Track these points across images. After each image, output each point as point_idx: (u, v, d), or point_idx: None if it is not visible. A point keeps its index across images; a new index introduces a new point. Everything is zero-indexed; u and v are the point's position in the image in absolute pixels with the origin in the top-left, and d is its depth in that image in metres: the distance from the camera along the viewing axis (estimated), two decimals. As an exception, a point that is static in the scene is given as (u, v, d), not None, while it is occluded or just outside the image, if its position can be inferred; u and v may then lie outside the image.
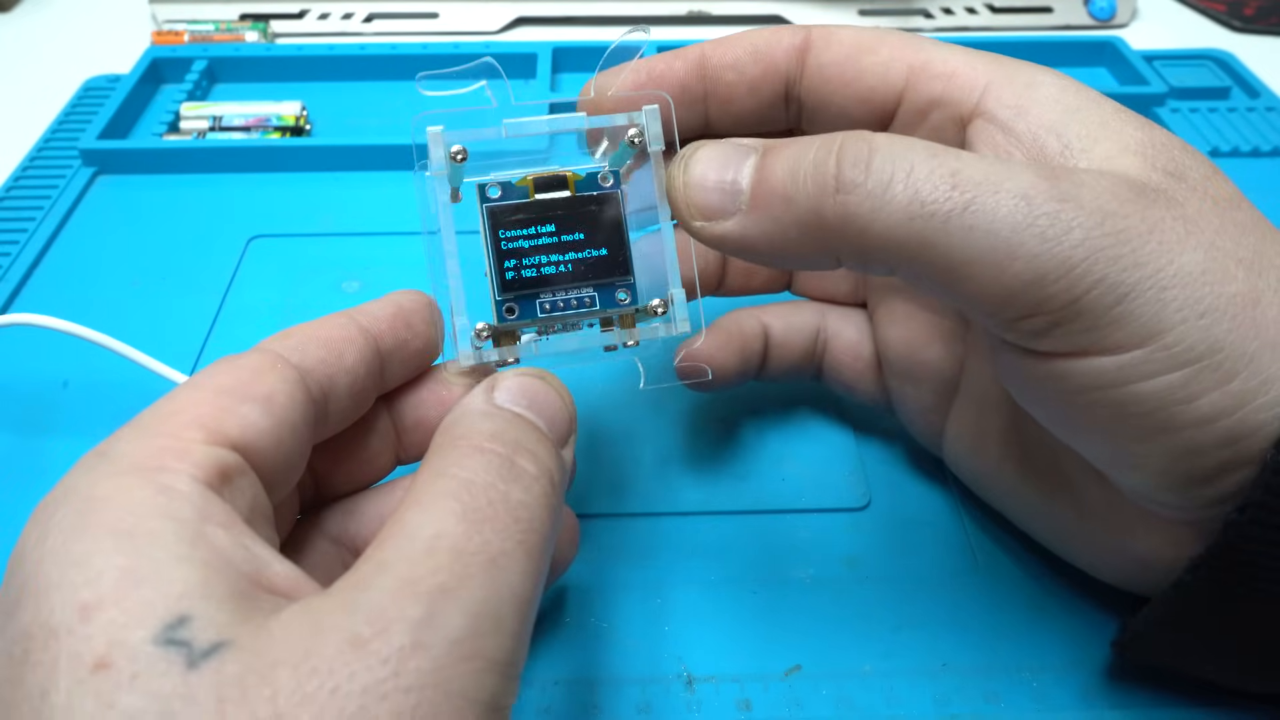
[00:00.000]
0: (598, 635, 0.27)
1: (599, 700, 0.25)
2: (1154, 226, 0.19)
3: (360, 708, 0.15)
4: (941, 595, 0.28)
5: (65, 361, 0.35)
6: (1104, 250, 0.19)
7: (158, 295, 0.39)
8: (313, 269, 0.40)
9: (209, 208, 0.43)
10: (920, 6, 0.59)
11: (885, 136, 0.21)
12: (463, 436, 0.19)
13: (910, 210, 0.20)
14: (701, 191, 0.22)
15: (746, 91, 0.25)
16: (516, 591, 0.17)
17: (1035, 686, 0.26)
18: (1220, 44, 0.57)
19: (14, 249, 0.41)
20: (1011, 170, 0.20)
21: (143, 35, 0.58)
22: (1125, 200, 0.20)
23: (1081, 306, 0.19)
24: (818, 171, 0.20)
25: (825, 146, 0.21)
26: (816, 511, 0.30)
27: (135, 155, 0.45)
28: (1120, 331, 0.19)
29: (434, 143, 0.22)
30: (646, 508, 0.30)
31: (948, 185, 0.19)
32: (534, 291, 0.23)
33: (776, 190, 0.21)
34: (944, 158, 0.20)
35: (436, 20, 0.58)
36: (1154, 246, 0.19)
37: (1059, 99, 0.22)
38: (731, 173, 0.21)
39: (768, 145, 0.22)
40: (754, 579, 0.28)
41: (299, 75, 0.52)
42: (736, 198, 0.21)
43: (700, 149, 0.22)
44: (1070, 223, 0.19)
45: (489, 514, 0.17)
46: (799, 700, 0.25)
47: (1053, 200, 0.19)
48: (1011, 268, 0.19)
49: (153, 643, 0.15)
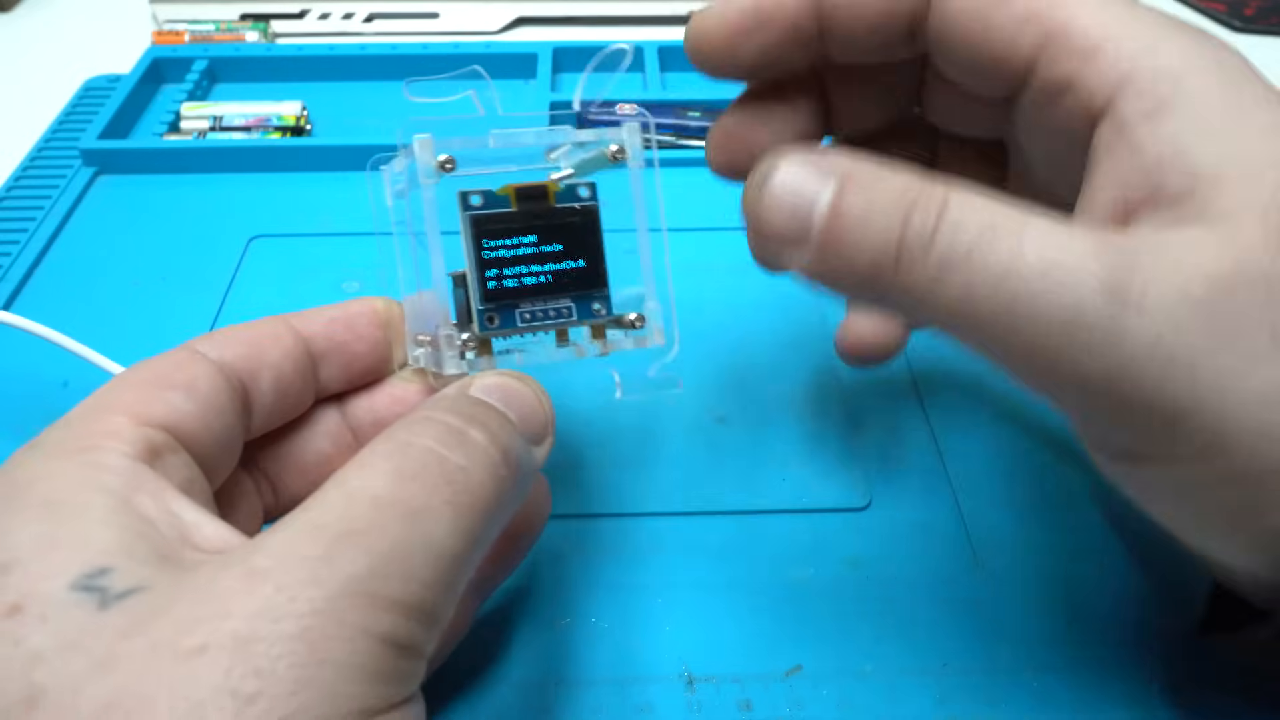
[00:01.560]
0: (598, 635, 0.27)
1: (599, 700, 0.25)
2: (1229, 341, 0.17)
3: (251, 630, 0.15)
4: (942, 595, 0.28)
5: (65, 361, 0.35)
6: (1155, 367, 0.17)
7: (158, 295, 0.39)
8: (313, 269, 0.40)
9: (209, 208, 0.43)
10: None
11: (957, 202, 0.19)
12: (421, 410, 0.20)
13: (958, 308, 0.19)
14: (775, 219, 0.20)
15: (866, 31, 0.23)
16: (435, 543, 0.17)
17: (1036, 687, 0.26)
18: (1220, 44, 0.56)
19: (14, 249, 0.41)
20: (1070, 266, 0.18)
21: (143, 35, 0.58)
22: (1196, 309, 0.17)
23: (1133, 419, 0.18)
24: (883, 233, 0.19)
25: (897, 203, 0.19)
26: (816, 511, 0.30)
27: (136, 155, 0.45)
28: (1177, 446, 0.18)
29: (422, 150, 0.22)
30: (646, 508, 0.30)
31: (997, 276, 0.18)
32: (514, 301, 0.23)
33: (846, 236, 0.19)
34: (1007, 240, 0.18)
35: (436, 20, 0.58)
36: (1222, 363, 0.17)
37: (1206, 100, 0.19)
38: (807, 202, 0.20)
39: (845, 175, 0.20)
40: (754, 579, 0.28)
41: (299, 75, 0.52)
42: (809, 232, 0.20)
43: (776, 169, 0.20)
44: (1124, 333, 0.17)
45: (419, 473, 0.18)
46: (800, 700, 0.25)
47: (1106, 313, 0.17)
48: (1059, 371, 0.18)
49: (68, 589, 0.16)
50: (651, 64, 0.52)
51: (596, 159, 0.24)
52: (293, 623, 0.15)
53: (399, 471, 0.18)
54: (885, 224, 0.19)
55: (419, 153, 0.22)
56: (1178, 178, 0.18)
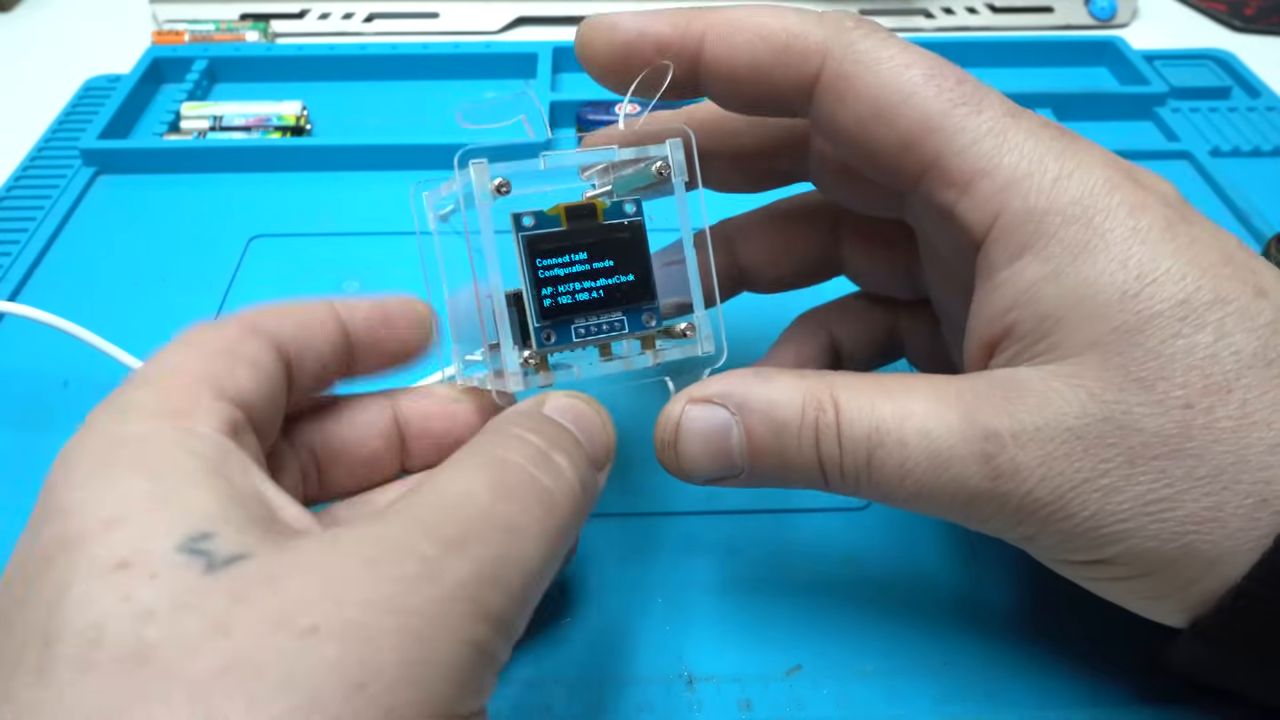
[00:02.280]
0: (598, 635, 0.27)
1: (599, 700, 0.25)
2: (1090, 478, 0.20)
3: (364, 619, 0.15)
4: (941, 594, 0.28)
5: (66, 361, 0.35)
6: (1033, 513, 0.20)
7: (158, 295, 0.39)
8: (313, 269, 0.40)
9: (209, 208, 0.43)
10: (920, 6, 0.59)
11: (845, 404, 0.21)
12: (507, 426, 0.20)
13: (885, 501, 0.22)
14: (704, 472, 0.23)
15: (737, 91, 0.24)
16: (525, 561, 0.18)
17: (1036, 687, 0.26)
18: (1221, 44, 0.56)
19: (14, 249, 0.41)
20: (949, 455, 0.20)
21: (143, 35, 0.58)
22: (1056, 464, 0.20)
23: (1033, 546, 0.22)
24: (804, 460, 0.22)
25: (801, 426, 0.21)
26: (816, 511, 0.30)
27: (136, 155, 0.45)
28: (1074, 555, 0.21)
29: (479, 175, 0.22)
30: (647, 507, 0.30)
31: (897, 478, 0.21)
32: (569, 317, 0.23)
33: (771, 455, 0.22)
34: (892, 442, 0.21)
35: (437, 20, 0.58)
36: (1087, 496, 0.20)
37: (1067, 241, 0.20)
38: (723, 449, 0.22)
39: (742, 408, 0.22)
40: (754, 579, 0.28)
41: (299, 75, 0.52)
42: (736, 467, 0.22)
43: (682, 428, 0.22)
44: (1005, 496, 0.20)
45: (516, 490, 0.18)
46: (800, 700, 0.25)
47: (987, 486, 0.20)
48: (972, 522, 0.21)
49: (175, 549, 0.16)
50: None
51: (638, 176, 0.24)
52: (404, 619, 0.15)
53: (499, 486, 0.18)
54: (801, 453, 0.22)
55: (476, 178, 0.22)
56: (1028, 319, 0.21)
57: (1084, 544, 0.20)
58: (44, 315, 0.32)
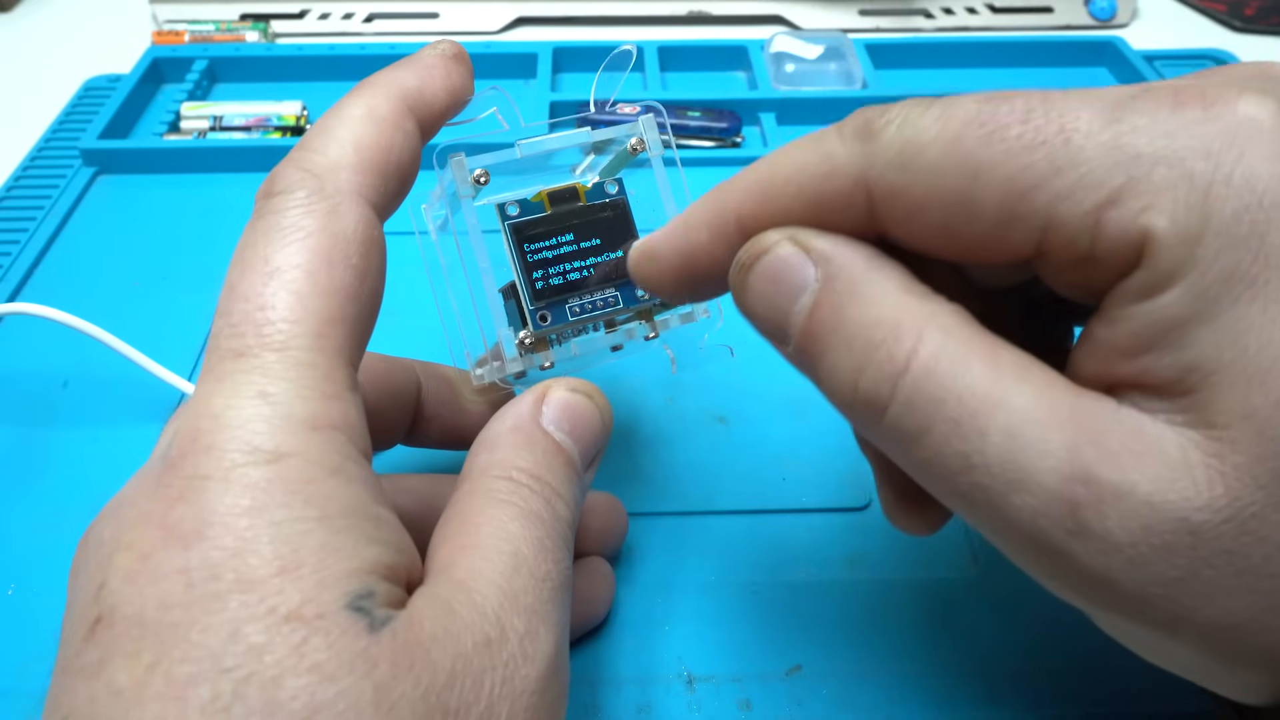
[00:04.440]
0: (598, 635, 0.27)
1: (599, 700, 0.25)
2: (1189, 574, 0.16)
3: (490, 700, 0.17)
4: (942, 595, 0.28)
5: (66, 361, 0.35)
6: (1104, 586, 0.16)
7: (158, 295, 0.39)
8: (313, 269, 0.40)
9: (209, 208, 0.43)
10: (920, 6, 0.59)
11: (940, 344, 0.17)
12: (509, 465, 0.21)
13: (916, 476, 0.18)
14: (758, 314, 0.19)
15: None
16: (566, 621, 0.20)
17: (1036, 687, 0.26)
18: (1221, 44, 0.57)
19: (14, 249, 0.41)
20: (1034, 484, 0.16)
21: (143, 35, 0.58)
22: (1166, 550, 0.16)
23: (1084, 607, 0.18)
24: (848, 373, 0.18)
25: (862, 343, 0.18)
26: (816, 511, 0.30)
27: (136, 155, 0.45)
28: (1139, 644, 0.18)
29: (458, 169, 0.23)
30: (646, 507, 0.30)
31: (959, 464, 0.17)
32: (563, 297, 0.24)
33: (824, 348, 0.18)
34: (977, 416, 0.17)
35: (436, 20, 0.58)
36: (1181, 596, 0.16)
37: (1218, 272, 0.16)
38: (785, 301, 0.19)
39: (828, 278, 0.18)
40: (754, 579, 0.28)
41: (299, 75, 0.52)
42: (788, 331, 0.19)
43: (762, 259, 0.19)
44: (1074, 556, 0.16)
45: (550, 548, 0.20)
46: (799, 700, 0.25)
47: (1059, 531, 0.16)
48: (1016, 558, 0.18)
49: (344, 607, 0.16)
50: (651, 64, 0.52)
51: (618, 159, 0.25)
52: (518, 700, 0.17)
53: (535, 543, 0.20)
54: (848, 365, 0.18)
55: (455, 171, 0.23)
56: (1169, 369, 0.16)
57: (1152, 636, 0.17)
58: (56, 313, 0.32)
